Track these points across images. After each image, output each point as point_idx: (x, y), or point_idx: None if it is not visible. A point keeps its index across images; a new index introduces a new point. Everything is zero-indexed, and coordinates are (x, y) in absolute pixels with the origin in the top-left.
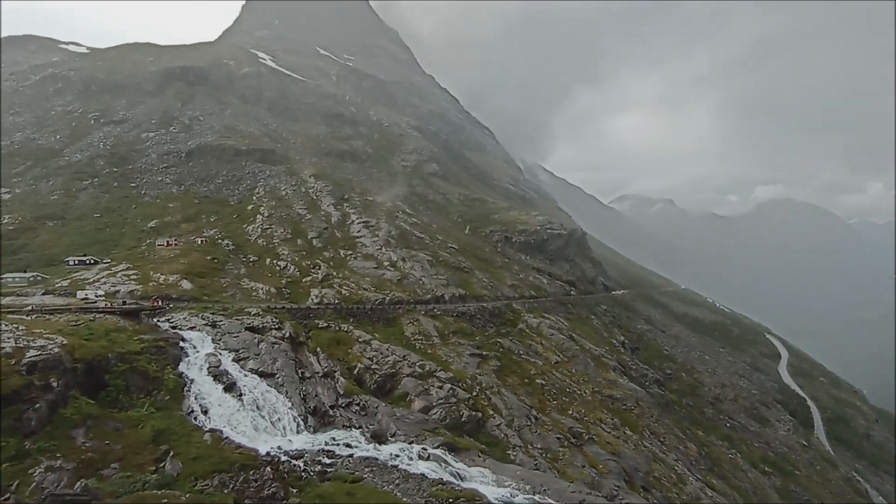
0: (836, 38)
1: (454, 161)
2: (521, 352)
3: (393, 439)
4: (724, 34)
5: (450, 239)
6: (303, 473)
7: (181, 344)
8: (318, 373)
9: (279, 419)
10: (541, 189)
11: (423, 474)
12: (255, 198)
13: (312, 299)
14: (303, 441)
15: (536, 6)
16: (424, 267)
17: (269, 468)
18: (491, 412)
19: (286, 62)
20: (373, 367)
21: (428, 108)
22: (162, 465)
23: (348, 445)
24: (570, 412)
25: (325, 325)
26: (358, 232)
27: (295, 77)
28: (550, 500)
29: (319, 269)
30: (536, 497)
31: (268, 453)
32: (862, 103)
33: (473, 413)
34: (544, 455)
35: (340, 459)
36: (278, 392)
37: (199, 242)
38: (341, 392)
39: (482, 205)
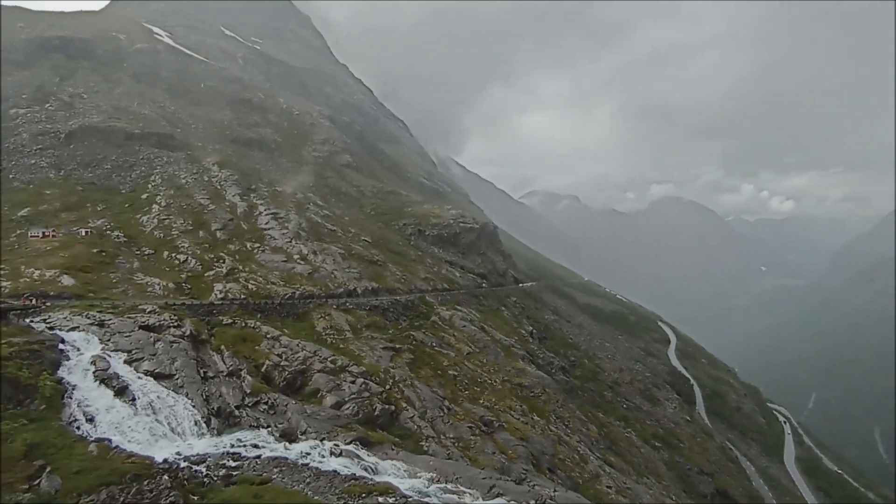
0: (717, 51)
1: (368, 153)
2: (434, 344)
3: (304, 437)
4: (625, 42)
5: (363, 232)
6: (205, 479)
7: (60, 346)
8: (222, 372)
9: (179, 423)
10: (454, 183)
11: (335, 471)
12: (150, 186)
13: (216, 294)
14: (205, 445)
15: (451, 4)
16: (336, 260)
17: (166, 476)
18: (404, 405)
19: (187, 41)
20: (282, 363)
21: (341, 97)
22: (37, 482)
23: (256, 446)
24: (482, 401)
25: (231, 321)
26: (266, 224)
27: (196, 57)
28: (462, 488)
29: (224, 262)
30: (449, 485)
31: (165, 460)
32: (737, 113)
33: (387, 406)
34: (456, 444)
35: (247, 461)
36: (177, 394)
37: (84, 234)
38: (248, 391)
39: (396, 197)
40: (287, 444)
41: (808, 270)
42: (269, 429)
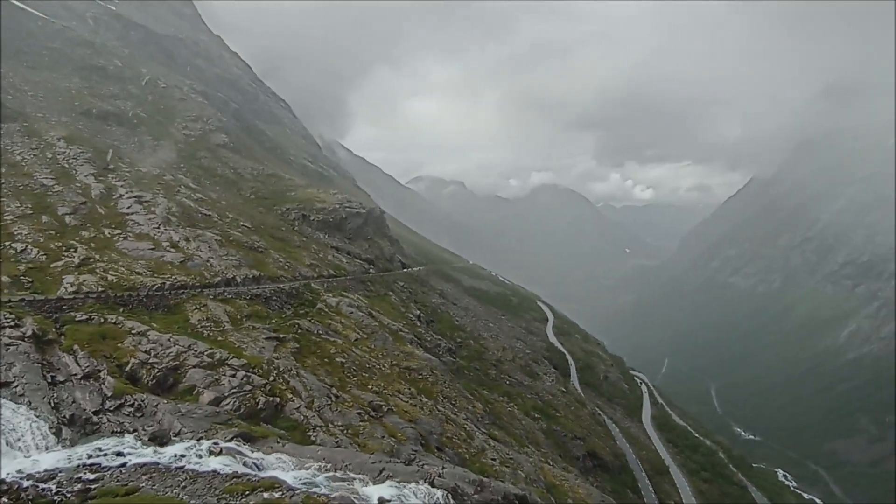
0: (591, 48)
1: (246, 133)
2: (321, 332)
3: (178, 438)
4: (510, 35)
5: (242, 217)
6: (56, 497)
7: None
8: (75, 375)
9: (19, 437)
10: (340, 167)
11: (214, 471)
12: None
13: (66, 288)
14: (55, 459)
15: None
16: (212, 247)
17: (4, 500)
18: (290, 396)
19: None
20: (151, 360)
21: (215, 72)
22: None
23: (119, 454)
24: (370, 387)
25: (86, 317)
26: (128, 208)
27: (33, 13)
28: (352, 474)
29: (76, 251)
30: (338, 473)
31: (3, 481)
32: (608, 107)
33: (271, 399)
34: (345, 431)
35: (109, 471)
36: (17, 404)
37: None
38: (109, 394)
39: (278, 181)
40: (158, 447)
41: (662, 252)
42: (136, 433)
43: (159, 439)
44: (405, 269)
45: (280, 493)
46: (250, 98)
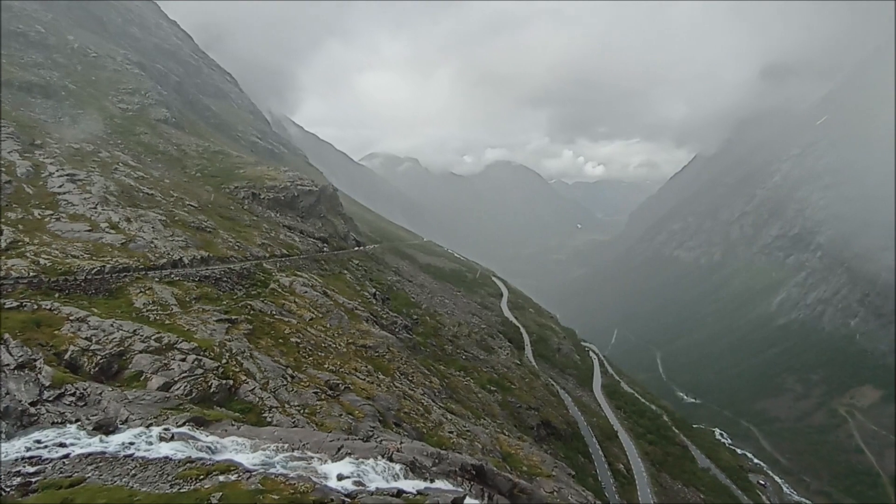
0: (544, 24)
1: (190, 108)
2: (274, 312)
3: (125, 426)
4: (463, 8)
5: (188, 196)
6: None
7: None
8: (8, 365)
9: None
10: (290, 144)
11: (166, 457)
12: None
13: None
14: None
15: None
16: (157, 228)
17: None
18: (244, 378)
19: None
20: (92, 347)
21: (153, 41)
22: None
23: (62, 445)
24: (327, 366)
25: (17, 304)
26: (61, 187)
27: None
28: (310, 453)
29: (1, 234)
30: (296, 453)
31: None
32: (561, 84)
33: (224, 381)
34: (302, 411)
35: (51, 463)
36: None
37: None
38: (47, 383)
39: (226, 158)
40: (104, 436)
41: (613, 227)
42: (80, 423)
43: (105, 428)
44: (360, 248)
45: (236, 475)
46: (192, 71)
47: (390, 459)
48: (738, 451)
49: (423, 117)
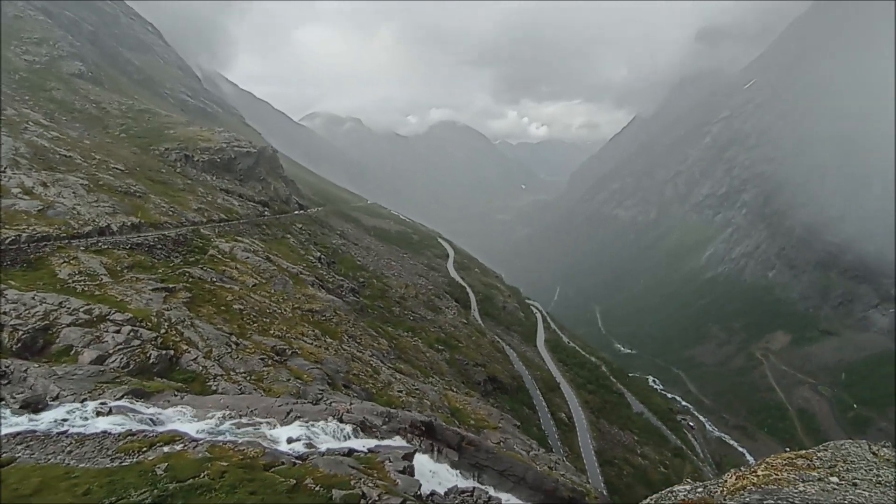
0: None
1: (109, 61)
2: (215, 279)
3: (56, 403)
4: None
5: (112, 158)
6: None
7: None
8: None
9: None
10: (224, 102)
11: (105, 432)
12: None
13: None
14: None
15: None
16: (79, 193)
17: None
18: (185, 347)
19: None
20: (13, 322)
21: None
22: None
23: None
24: (272, 331)
25: None
26: None
27: None
28: (259, 419)
29: None
30: (244, 419)
31: None
32: (505, 43)
33: (164, 352)
34: (248, 378)
35: None
36: None
37: None
38: None
39: (154, 118)
40: (32, 415)
41: (556, 187)
42: (3, 402)
43: (34, 406)
44: (303, 211)
45: (182, 445)
46: (109, 20)
47: (340, 420)
48: (669, 395)
49: (365, 76)
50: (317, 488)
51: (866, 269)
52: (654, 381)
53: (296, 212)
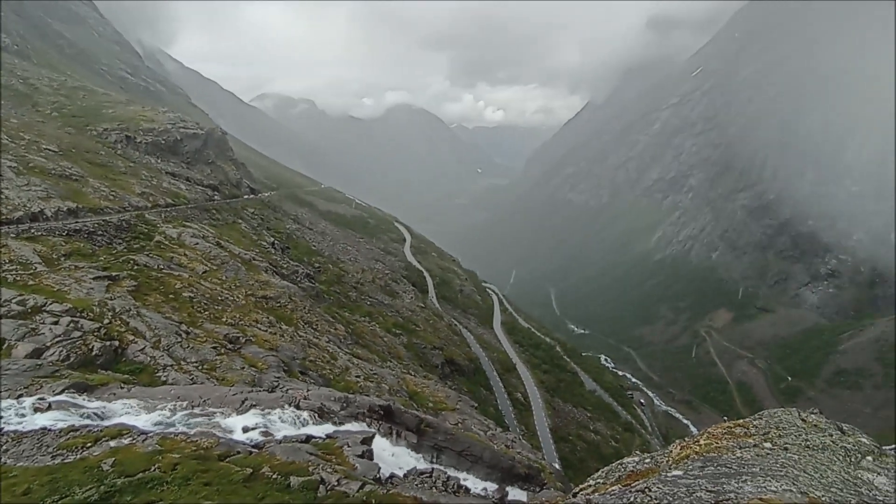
0: None
1: (36, 34)
2: (162, 266)
3: None
4: None
5: (44, 139)
6: None
7: None
8: None
9: None
10: (168, 81)
11: (44, 428)
12: None
13: None
14: None
15: None
16: (7, 176)
17: None
18: (131, 337)
19: None
20: None
21: None
22: None
23: None
24: (225, 319)
25: None
26: None
27: None
28: (213, 409)
29: None
30: (196, 410)
31: None
32: (462, 27)
33: (108, 343)
34: (200, 367)
35: None
36: None
37: None
38: None
39: (90, 96)
40: None
41: (511, 171)
42: None
43: None
44: (255, 195)
45: (130, 438)
46: None
47: (297, 407)
48: (620, 373)
49: (318, 57)
50: (274, 476)
51: (799, 249)
52: (606, 359)
53: (247, 196)
